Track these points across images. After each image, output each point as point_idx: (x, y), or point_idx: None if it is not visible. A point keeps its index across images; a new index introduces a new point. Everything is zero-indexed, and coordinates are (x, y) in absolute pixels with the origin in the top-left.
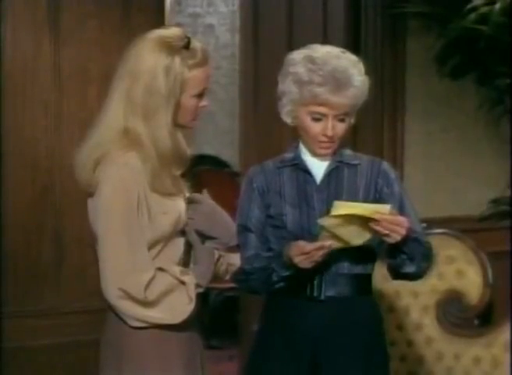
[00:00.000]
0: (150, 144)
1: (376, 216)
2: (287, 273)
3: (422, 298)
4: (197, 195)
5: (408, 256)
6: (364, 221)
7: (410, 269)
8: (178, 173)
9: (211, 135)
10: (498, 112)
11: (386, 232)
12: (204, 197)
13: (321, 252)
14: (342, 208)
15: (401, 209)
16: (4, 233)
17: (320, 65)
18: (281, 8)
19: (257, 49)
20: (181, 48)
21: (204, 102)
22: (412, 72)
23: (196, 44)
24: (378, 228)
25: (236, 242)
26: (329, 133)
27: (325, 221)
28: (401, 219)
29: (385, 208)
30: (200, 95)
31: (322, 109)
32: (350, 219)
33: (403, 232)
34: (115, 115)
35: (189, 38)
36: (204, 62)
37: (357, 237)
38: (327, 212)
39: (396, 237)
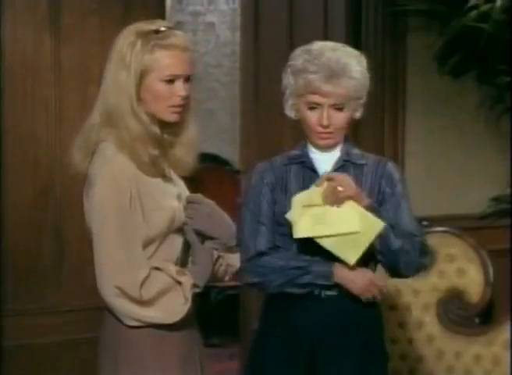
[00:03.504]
0: (120, 125)
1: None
2: (322, 282)
3: (423, 296)
4: (197, 195)
5: (382, 254)
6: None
7: (391, 266)
8: (155, 153)
9: (212, 133)
10: (498, 109)
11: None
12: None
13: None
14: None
15: (396, 209)
16: (4, 231)
17: (316, 55)
18: (282, 6)
19: (258, 47)
20: (150, 31)
21: (181, 92)
22: (413, 70)
23: (171, 31)
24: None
25: (236, 243)
26: (324, 122)
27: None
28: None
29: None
30: (170, 81)
31: (316, 98)
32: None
33: (352, 189)
34: (97, 101)
35: (168, 27)
36: (172, 46)
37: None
38: None
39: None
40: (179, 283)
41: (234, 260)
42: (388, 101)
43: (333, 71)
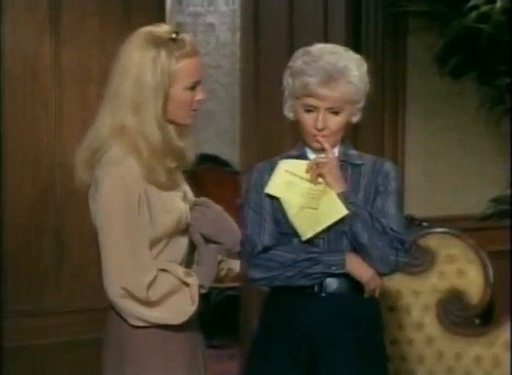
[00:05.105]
0: (139, 137)
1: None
2: (335, 271)
3: (423, 297)
4: (205, 199)
5: (354, 246)
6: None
7: (368, 261)
8: (173, 165)
9: (212, 134)
10: (498, 111)
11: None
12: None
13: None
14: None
15: (384, 203)
16: (4, 232)
17: (314, 58)
18: (281, 7)
19: (258, 48)
20: (167, 40)
21: (199, 96)
22: (413, 71)
23: (184, 36)
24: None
25: (239, 249)
26: (319, 125)
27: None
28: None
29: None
30: (193, 88)
31: (312, 101)
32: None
33: (332, 175)
34: (106, 114)
35: (176, 32)
36: (192, 53)
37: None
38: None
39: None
40: (187, 284)
41: (234, 265)
42: (388, 102)
43: (330, 75)
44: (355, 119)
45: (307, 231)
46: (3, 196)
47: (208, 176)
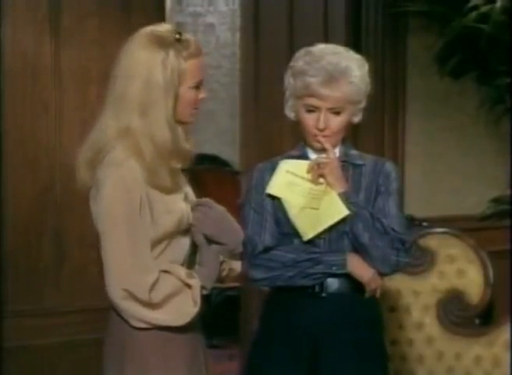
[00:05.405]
0: (146, 139)
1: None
2: (336, 271)
3: (423, 298)
4: (207, 200)
5: (355, 246)
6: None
7: (369, 261)
8: (178, 166)
9: (212, 134)
10: (498, 111)
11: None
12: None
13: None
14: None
15: (384, 203)
16: (4, 232)
17: (316, 58)
18: (281, 7)
19: (258, 48)
20: (173, 40)
21: (202, 94)
22: (413, 71)
23: (187, 36)
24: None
25: (241, 250)
26: (321, 125)
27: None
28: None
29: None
30: (197, 87)
31: (314, 101)
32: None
33: (333, 175)
34: (109, 116)
35: (179, 32)
36: (197, 52)
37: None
38: None
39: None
40: (189, 286)
41: (236, 265)
42: (388, 102)
43: (332, 75)
44: (356, 119)
45: (308, 231)
46: (3, 196)
47: (208, 176)
